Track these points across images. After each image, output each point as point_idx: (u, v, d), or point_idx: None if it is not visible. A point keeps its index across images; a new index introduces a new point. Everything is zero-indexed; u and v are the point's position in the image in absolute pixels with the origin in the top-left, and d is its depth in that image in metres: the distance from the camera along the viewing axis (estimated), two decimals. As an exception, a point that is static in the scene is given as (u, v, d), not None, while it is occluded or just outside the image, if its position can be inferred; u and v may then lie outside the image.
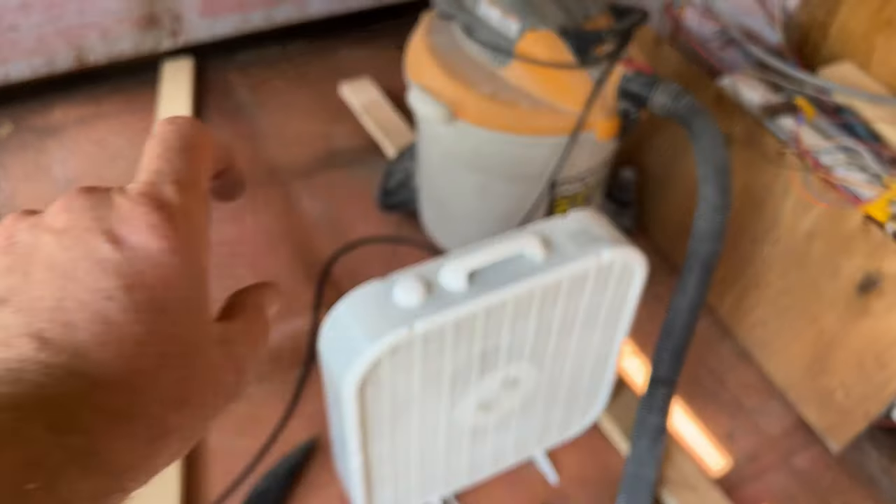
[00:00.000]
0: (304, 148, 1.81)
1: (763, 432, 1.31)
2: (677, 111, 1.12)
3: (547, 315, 0.97)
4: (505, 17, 1.16)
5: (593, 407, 1.25)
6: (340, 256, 1.55)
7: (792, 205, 1.27)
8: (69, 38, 1.80)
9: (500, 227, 1.40)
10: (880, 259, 1.15)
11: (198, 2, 1.90)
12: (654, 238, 1.64)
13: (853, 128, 1.30)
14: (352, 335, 0.84)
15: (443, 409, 0.98)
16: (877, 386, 1.19)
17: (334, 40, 2.17)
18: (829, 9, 1.42)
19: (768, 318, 1.36)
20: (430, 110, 1.20)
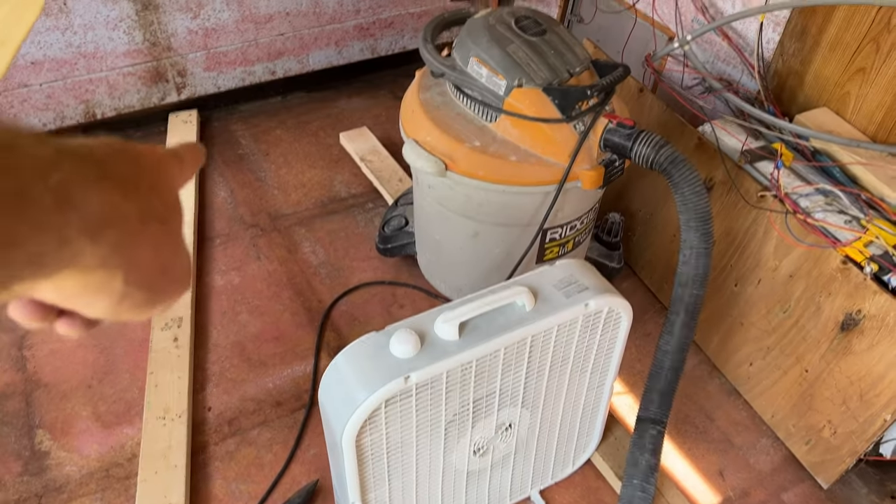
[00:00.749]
0: (304, 195, 1.87)
1: (753, 469, 1.34)
2: (658, 161, 1.17)
3: (538, 361, 1.01)
4: (493, 75, 1.23)
5: (587, 447, 1.28)
6: (340, 300, 1.60)
7: (773, 247, 1.32)
8: (78, 93, 1.87)
9: (492, 271, 1.45)
10: (861, 299, 1.20)
11: (202, 57, 1.98)
12: (642, 277, 1.69)
13: (830, 172, 1.36)
14: (350, 386, 0.88)
15: (440, 455, 1.02)
16: (862, 423, 1.22)
17: (333, 91, 2.25)
18: (804, 58, 1.49)
19: (754, 357, 1.41)
20: (423, 164, 1.26)
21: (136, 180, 0.33)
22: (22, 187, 0.27)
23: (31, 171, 0.27)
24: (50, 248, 0.28)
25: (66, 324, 0.35)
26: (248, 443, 1.32)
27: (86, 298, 0.32)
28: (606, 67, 1.29)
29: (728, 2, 1.61)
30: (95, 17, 1.78)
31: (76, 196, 0.29)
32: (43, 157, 0.28)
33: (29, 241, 0.27)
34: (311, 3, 2.04)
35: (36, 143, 0.28)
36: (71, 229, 0.29)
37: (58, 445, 1.30)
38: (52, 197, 0.28)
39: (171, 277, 0.36)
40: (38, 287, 0.30)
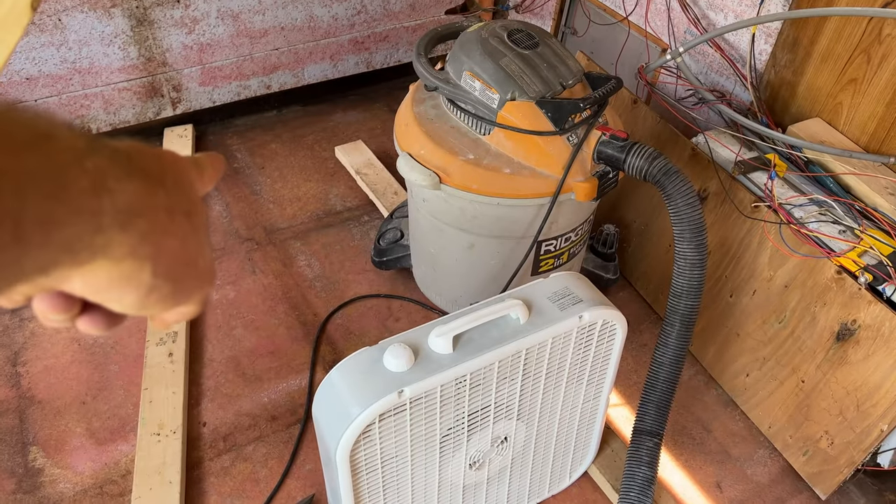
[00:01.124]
0: (300, 208, 1.87)
1: (751, 480, 1.34)
2: (651, 173, 1.18)
3: (533, 374, 1.01)
4: (486, 88, 1.23)
5: (583, 460, 1.28)
6: (336, 314, 1.60)
7: (767, 257, 1.33)
8: (73, 109, 1.88)
9: (488, 283, 1.45)
10: (856, 309, 1.20)
11: (197, 71, 1.99)
12: (637, 288, 1.69)
13: (824, 182, 1.37)
14: (344, 401, 0.88)
15: (435, 469, 1.02)
16: (860, 434, 1.22)
17: (328, 105, 2.25)
18: (796, 69, 1.50)
19: (750, 368, 1.40)
20: (417, 177, 1.26)
21: (162, 175, 0.34)
22: (61, 170, 0.27)
23: (70, 155, 0.28)
24: (85, 232, 0.29)
25: (89, 320, 0.35)
26: (244, 458, 1.32)
27: (114, 291, 0.32)
28: (599, 80, 1.29)
29: (720, 14, 1.62)
30: (90, 33, 1.78)
31: (110, 183, 0.30)
32: (78, 146, 0.29)
33: (67, 224, 0.28)
34: (306, 17, 2.05)
35: (71, 133, 0.29)
36: (105, 216, 0.29)
37: (51, 462, 1.29)
38: (88, 181, 0.28)
39: (197, 271, 0.36)
40: (70, 277, 0.30)
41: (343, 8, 2.09)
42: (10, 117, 0.26)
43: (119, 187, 0.30)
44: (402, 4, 2.20)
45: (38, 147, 0.27)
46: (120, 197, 0.30)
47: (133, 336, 1.50)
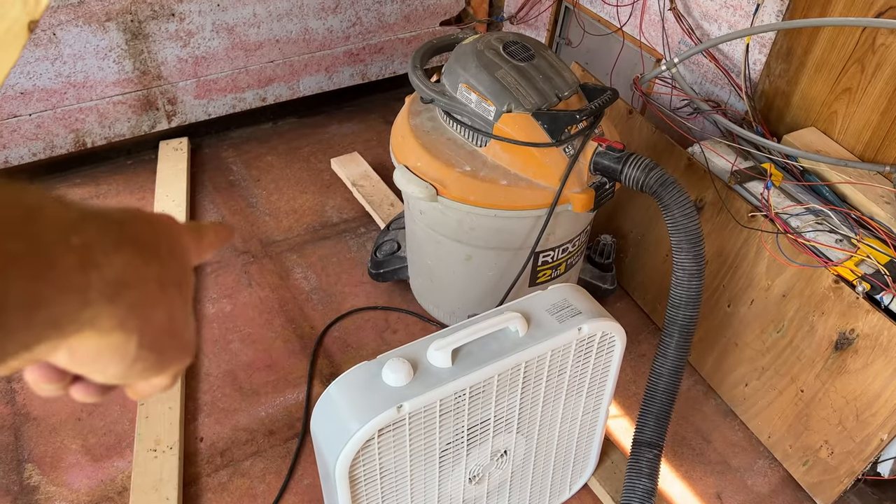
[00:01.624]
0: (296, 221, 1.87)
1: (751, 491, 1.33)
2: (648, 184, 1.18)
3: (532, 387, 1.00)
4: (482, 100, 1.23)
5: (583, 472, 1.27)
6: (333, 327, 1.59)
7: (765, 267, 1.33)
8: (68, 123, 1.87)
9: (485, 295, 1.45)
10: (854, 318, 1.20)
11: (192, 84, 1.99)
12: (635, 298, 1.68)
13: (820, 191, 1.37)
14: (342, 416, 0.87)
15: (434, 484, 1.01)
16: (859, 443, 1.22)
17: (324, 116, 2.25)
18: (790, 78, 1.50)
19: (749, 378, 1.40)
20: (414, 189, 1.26)
21: (156, 244, 0.34)
22: (46, 249, 0.27)
23: (56, 232, 0.28)
24: (72, 308, 0.28)
25: (83, 389, 0.35)
26: (241, 474, 1.31)
27: (99, 363, 0.32)
28: (595, 91, 1.29)
29: (714, 24, 1.63)
30: (85, 47, 1.78)
31: (98, 257, 0.29)
32: (66, 219, 0.29)
33: (52, 303, 0.27)
34: (301, 30, 2.05)
35: (60, 206, 0.29)
36: (92, 290, 0.29)
37: (47, 480, 1.28)
38: (75, 257, 0.28)
39: (181, 343, 0.36)
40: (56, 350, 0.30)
41: (338, 20, 2.10)
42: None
43: (107, 260, 0.30)
44: (397, 16, 2.20)
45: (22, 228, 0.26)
46: (108, 270, 0.30)
47: (129, 351, 1.49)
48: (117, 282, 0.30)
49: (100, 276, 0.29)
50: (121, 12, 1.78)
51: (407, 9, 2.20)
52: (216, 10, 1.90)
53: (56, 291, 0.27)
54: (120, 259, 0.31)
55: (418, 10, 2.23)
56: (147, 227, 0.34)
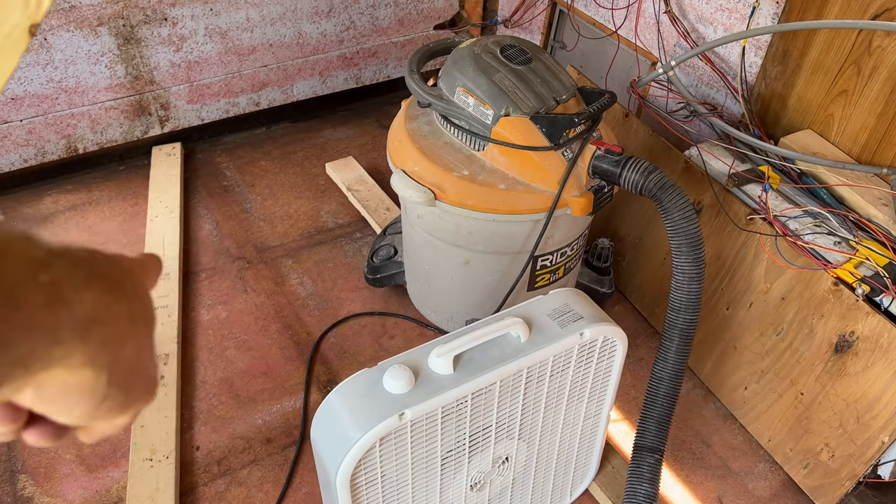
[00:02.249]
0: (291, 226, 1.85)
1: (752, 495, 1.32)
2: (647, 187, 1.17)
3: (534, 393, 0.99)
4: (480, 104, 1.22)
5: (584, 477, 1.26)
6: (329, 333, 1.58)
7: (763, 270, 1.32)
8: (59, 128, 1.85)
9: (484, 299, 1.44)
10: (853, 321, 1.19)
11: (185, 89, 1.97)
12: (632, 302, 1.68)
13: (817, 193, 1.37)
14: (343, 425, 0.86)
15: (436, 491, 1.00)
16: (860, 446, 1.21)
17: (318, 121, 2.24)
18: (786, 81, 1.50)
19: (748, 381, 1.40)
20: (412, 194, 1.25)
21: (122, 281, 0.33)
22: (13, 290, 0.26)
23: (22, 271, 0.27)
24: (41, 347, 0.28)
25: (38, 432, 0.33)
26: (238, 483, 1.29)
27: (66, 401, 0.31)
28: (593, 94, 1.29)
29: (710, 27, 1.63)
30: (77, 52, 1.76)
31: (68, 294, 0.29)
32: (33, 258, 0.28)
33: (19, 343, 0.27)
34: (295, 34, 2.04)
35: (26, 243, 0.28)
36: (62, 329, 0.29)
37: (41, 491, 1.26)
38: (44, 295, 0.28)
39: (147, 380, 0.35)
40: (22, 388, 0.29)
41: (332, 24, 2.09)
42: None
43: (77, 298, 0.29)
44: (391, 20, 2.20)
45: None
46: (78, 307, 0.29)
47: (123, 359, 1.47)
48: (88, 319, 0.30)
49: (69, 313, 0.29)
50: (113, 17, 1.77)
51: (401, 13, 2.20)
52: (209, 15, 1.89)
53: (23, 331, 0.27)
54: (90, 296, 0.30)
55: (412, 14, 2.23)
56: (112, 265, 0.33)
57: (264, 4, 1.95)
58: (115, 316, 0.32)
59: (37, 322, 0.27)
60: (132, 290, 0.34)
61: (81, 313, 0.29)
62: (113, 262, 0.33)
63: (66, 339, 0.29)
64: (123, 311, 0.32)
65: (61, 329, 0.28)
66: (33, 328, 0.27)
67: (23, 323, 0.27)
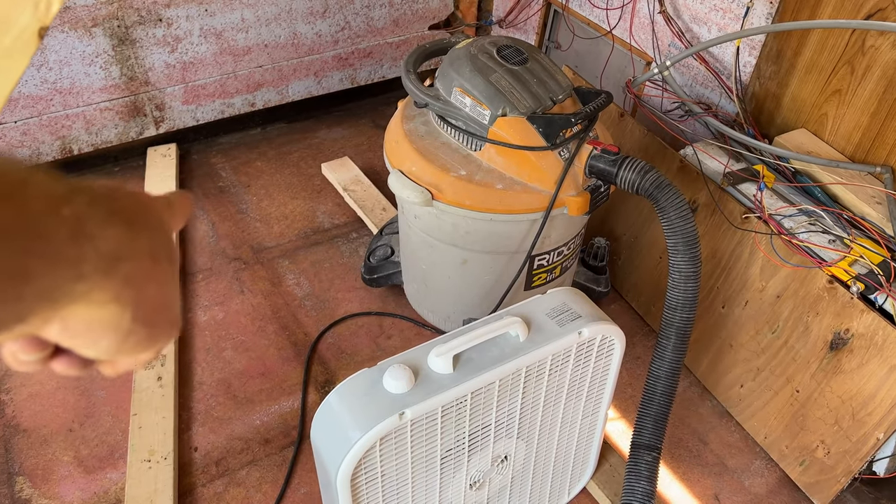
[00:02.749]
0: (287, 226, 1.85)
1: (749, 492, 1.33)
2: (644, 187, 1.18)
3: (533, 392, 1.00)
4: (477, 104, 1.23)
5: (582, 476, 1.27)
6: (327, 333, 1.58)
7: (759, 268, 1.33)
8: (54, 129, 1.85)
9: (481, 299, 1.44)
10: (848, 318, 1.20)
11: (180, 90, 1.97)
12: (629, 300, 1.69)
13: (812, 192, 1.38)
14: (343, 425, 0.86)
15: (435, 490, 1.00)
16: (856, 442, 1.22)
17: (313, 121, 2.24)
18: (780, 80, 1.51)
19: (744, 379, 1.40)
20: (409, 194, 1.25)
21: (145, 217, 0.33)
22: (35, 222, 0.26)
23: (45, 205, 0.27)
24: (65, 281, 0.28)
25: (65, 362, 0.34)
26: (237, 483, 1.29)
27: (91, 336, 0.31)
28: (589, 94, 1.29)
29: (704, 27, 1.64)
30: (71, 53, 1.76)
31: (91, 229, 0.29)
32: (56, 193, 0.28)
33: (43, 275, 0.27)
34: (290, 34, 2.04)
35: (49, 179, 0.28)
36: (86, 263, 0.29)
37: (39, 493, 1.25)
38: (67, 230, 0.28)
39: (171, 316, 0.36)
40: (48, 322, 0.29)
41: (327, 25, 2.09)
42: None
43: (101, 233, 0.29)
44: (386, 20, 2.20)
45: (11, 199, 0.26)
46: (102, 243, 0.29)
47: (120, 360, 1.47)
48: (111, 254, 0.30)
49: (94, 248, 0.29)
50: (107, 18, 1.76)
51: (396, 13, 2.20)
52: (204, 16, 1.88)
53: (47, 264, 0.27)
54: (113, 231, 0.30)
55: (407, 15, 2.23)
56: (133, 201, 0.33)
57: (259, 5, 1.94)
58: (138, 252, 0.32)
59: (60, 255, 0.27)
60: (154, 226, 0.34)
61: (105, 248, 0.29)
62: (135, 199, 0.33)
63: (90, 274, 0.29)
64: (145, 247, 0.32)
65: (85, 263, 0.28)
66: (57, 261, 0.27)
67: (46, 255, 0.27)
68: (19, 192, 0.26)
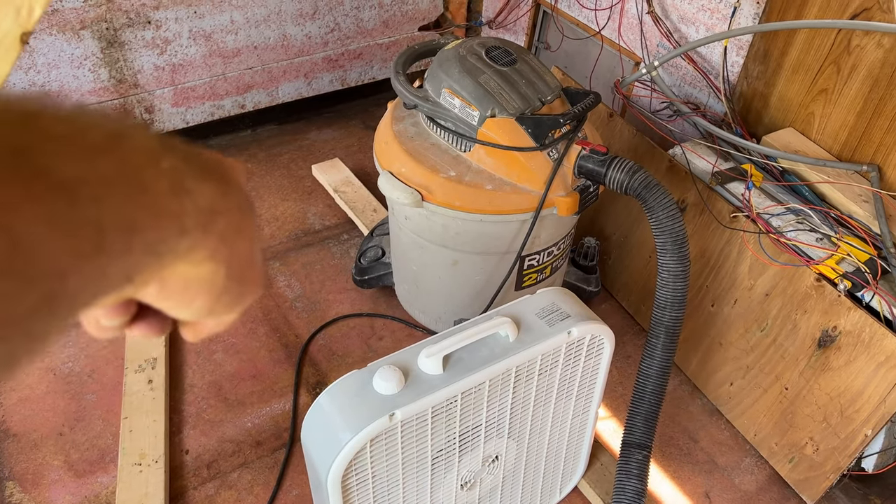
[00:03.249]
0: (278, 228, 1.85)
1: (739, 489, 1.34)
2: (632, 186, 1.18)
3: (523, 392, 1.00)
4: (466, 105, 1.23)
5: (573, 475, 1.27)
6: (318, 335, 1.58)
7: (747, 267, 1.34)
8: (43, 133, 1.84)
9: (472, 299, 1.45)
10: (836, 316, 1.21)
11: (170, 93, 1.96)
12: (619, 300, 1.69)
13: (799, 191, 1.39)
14: (334, 426, 0.87)
15: (426, 491, 1.00)
16: (844, 439, 1.23)
17: (304, 123, 2.24)
18: (768, 80, 1.52)
19: (734, 377, 1.41)
20: (399, 195, 1.26)
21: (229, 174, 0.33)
22: (137, 172, 0.26)
23: (145, 158, 0.27)
24: (170, 235, 0.28)
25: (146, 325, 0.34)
26: (229, 486, 1.29)
27: (187, 295, 0.31)
28: (577, 95, 1.30)
29: (692, 27, 1.65)
30: (59, 56, 1.75)
31: (189, 183, 0.29)
32: (153, 147, 0.28)
33: (149, 228, 0.26)
34: (279, 36, 2.04)
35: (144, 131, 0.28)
36: (187, 217, 0.28)
37: (29, 498, 1.25)
38: (167, 182, 0.27)
39: (259, 273, 0.36)
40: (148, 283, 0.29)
41: (316, 26, 2.09)
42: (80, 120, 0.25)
43: (198, 188, 0.29)
44: (376, 22, 2.20)
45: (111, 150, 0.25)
46: (200, 198, 0.29)
47: (111, 364, 1.47)
48: (210, 209, 0.30)
49: (193, 202, 0.29)
50: (96, 20, 1.76)
51: (385, 14, 2.20)
52: (193, 18, 1.88)
53: (151, 216, 0.26)
54: (208, 186, 0.30)
55: (396, 16, 2.23)
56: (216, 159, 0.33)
57: (248, 7, 1.94)
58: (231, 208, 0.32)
59: (163, 208, 0.27)
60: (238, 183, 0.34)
61: (203, 203, 0.29)
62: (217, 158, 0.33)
63: (191, 230, 0.29)
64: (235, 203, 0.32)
65: (186, 217, 0.28)
66: (160, 214, 0.27)
67: (150, 207, 0.26)
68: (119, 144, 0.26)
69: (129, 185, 0.26)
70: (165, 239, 0.27)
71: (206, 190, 0.30)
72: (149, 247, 0.27)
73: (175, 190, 0.28)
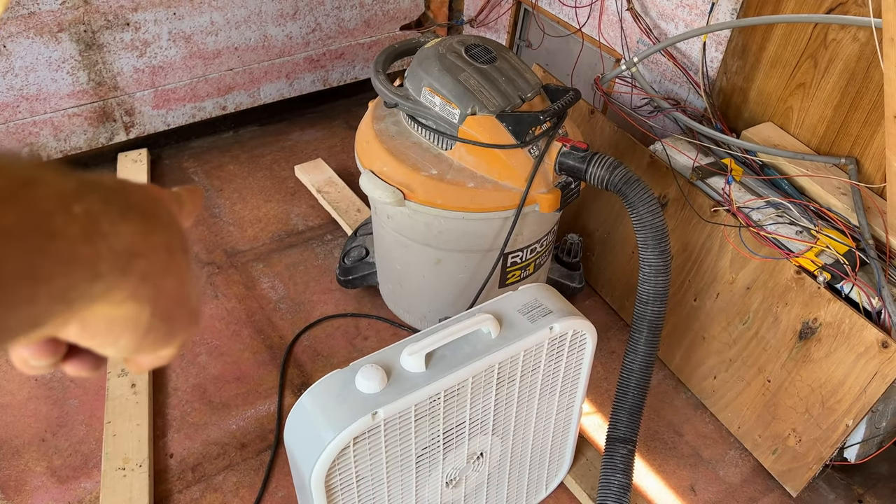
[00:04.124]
0: (261, 230, 1.84)
1: (723, 482, 1.35)
2: (613, 182, 1.19)
3: (506, 388, 1.00)
4: (447, 104, 1.23)
5: (559, 470, 1.28)
6: (302, 336, 1.57)
7: (729, 260, 1.35)
8: (21, 136, 1.82)
9: (456, 297, 1.45)
10: (816, 308, 1.22)
11: (150, 95, 1.95)
12: (602, 296, 1.70)
13: (779, 184, 1.40)
14: (316, 426, 0.86)
15: (412, 489, 1.00)
16: (826, 430, 1.24)
17: (286, 124, 2.23)
18: (746, 75, 1.53)
19: (717, 370, 1.42)
20: (381, 194, 1.25)
21: (157, 211, 0.32)
22: (45, 220, 0.25)
23: (55, 203, 0.26)
24: (80, 282, 0.27)
25: (79, 363, 0.33)
26: (214, 489, 1.28)
27: (111, 335, 0.31)
28: (557, 92, 1.30)
29: (671, 23, 1.66)
30: (37, 59, 1.74)
31: (104, 226, 0.28)
32: (66, 190, 0.27)
33: (56, 276, 0.26)
34: (260, 37, 2.03)
35: (57, 174, 0.27)
36: (102, 262, 0.28)
37: (11, 505, 1.24)
38: (79, 227, 0.27)
39: (190, 311, 0.35)
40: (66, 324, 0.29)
41: (297, 27, 2.08)
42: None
43: (114, 230, 0.29)
44: (357, 21, 2.19)
45: (15, 198, 0.25)
46: (116, 240, 0.29)
47: (93, 368, 1.45)
48: (127, 252, 0.29)
49: (108, 246, 0.28)
50: (73, 23, 1.74)
51: (366, 14, 2.20)
52: (172, 19, 1.87)
53: (60, 264, 0.26)
54: (127, 228, 0.29)
55: (378, 15, 2.23)
56: (144, 196, 0.32)
57: (228, 8, 1.93)
58: (154, 247, 0.31)
59: (74, 255, 0.26)
60: (167, 220, 0.33)
61: (120, 245, 0.29)
62: (146, 193, 0.33)
63: (107, 274, 0.28)
64: (161, 242, 0.32)
65: (101, 262, 0.28)
66: (71, 261, 0.26)
67: (60, 255, 0.26)
68: (27, 190, 0.25)
69: (34, 233, 0.25)
70: (76, 286, 0.27)
71: (126, 231, 0.29)
72: (57, 294, 0.26)
73: (88, 235, 0.27)
